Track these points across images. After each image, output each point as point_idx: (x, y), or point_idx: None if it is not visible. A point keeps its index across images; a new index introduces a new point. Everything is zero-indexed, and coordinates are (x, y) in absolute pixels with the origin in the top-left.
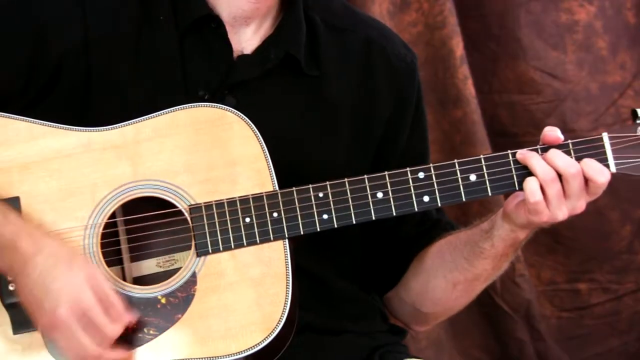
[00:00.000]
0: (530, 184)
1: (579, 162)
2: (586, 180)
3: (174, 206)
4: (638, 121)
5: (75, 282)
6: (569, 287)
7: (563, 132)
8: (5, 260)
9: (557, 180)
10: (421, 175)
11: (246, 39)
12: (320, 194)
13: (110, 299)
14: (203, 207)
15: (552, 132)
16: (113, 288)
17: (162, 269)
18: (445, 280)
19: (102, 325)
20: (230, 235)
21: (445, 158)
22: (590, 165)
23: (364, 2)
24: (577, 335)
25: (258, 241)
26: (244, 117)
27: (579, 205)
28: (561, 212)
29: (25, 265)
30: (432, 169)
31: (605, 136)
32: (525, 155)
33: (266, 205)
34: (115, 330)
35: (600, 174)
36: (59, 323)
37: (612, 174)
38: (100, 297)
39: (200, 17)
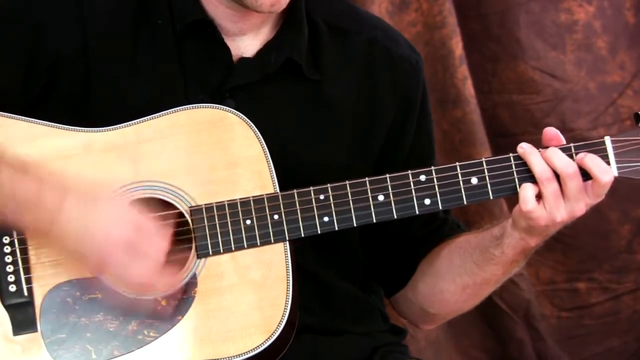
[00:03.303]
0: (524, 191)
1: (585, 157)
2: (589, 180)
3: (174, 207)
4: None
5: (112, 215)
6: (568, 287)
7: (562, 132)
8: (31, 219)
9: (554, 179)
10: (422, 178)
11: (245, 45)
12: (321, 196)
13: (148, 225)
14: (204, 209)
15: (552, 131)
16: (145, 214)
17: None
18: (454, 283)
19: (148, 249)
20: (231, 237)
21: (445, 158)
22: (596, 163)
23: (363, 1)
24: (576, 334)
25: (259, 243)
26: (245, 118)
27: (578, 207)
28: (559, 213)
29: (54, 218)
30: (433, 171)
31: (607, 140)
32: (526, 150)
33: (267, 207)
34: (161, 252)
35: (605, 174)
36: (107, 259)
37: (614, 178)
38: (138, 225)
39: (195, 22)
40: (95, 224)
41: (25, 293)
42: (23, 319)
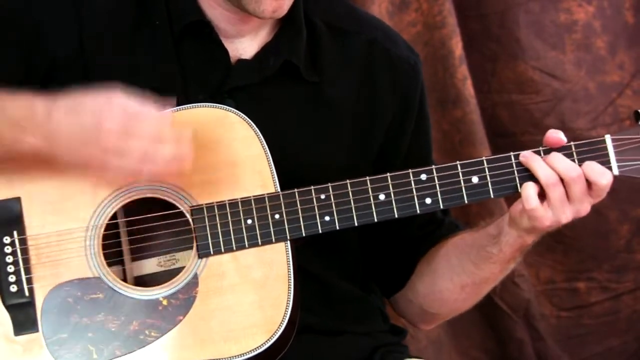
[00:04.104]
0: (527, 190)
1: (580, 165)
2: (589, 183)
3: (175, 207)
4: None
5: (97, 106)
6: (567, 287)
7: (562, 132)
8: (29, 132)
9: (560, 184)
10: (423, 177)
11: (243, 47)
12: (322, 196)
13: (139, 104)
14: (204, 208)
15: (555, 134)
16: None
17: (163, 268)
18: (453, 283)
19: (145, 124)
20: (232, 236)
21: (445, 158)
22: (592, 168)
23: (363, 1)
24: (576, 334)
25: (260, 243)
26: (246, 117)
27: (584, 208)
28: (565, 215)
29: (49, 114)
30: (434, 170)
31: (608, 138)
32: (528, 158)
33: (268, 206)
34: (157, 124)
35: (602, 176)
36: (107, 131)
37: (615, 176)
38: (124, 107)
39: (192, 23)
40: (86, 116)
41: (27, 293)
42: (24, 319)
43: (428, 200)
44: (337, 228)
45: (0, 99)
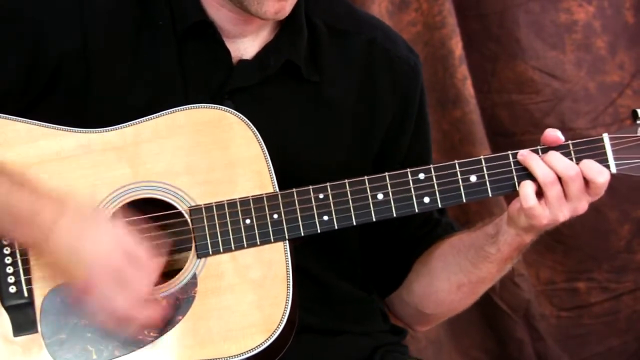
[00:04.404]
0: (524, 188)
1: (578, 163)
2: (587, 182)
3: (174, 207)
4: (638, 122)
5: (104, 242)
6: (567, 287)
7: (562, 132)
8: (25, 232)
9: (557, 182)
10: (421, 176)
11: (245, 47)
12: (321, 195)
13: (139, 256)
14: (203, 209)
15: (553, 133)
16: (139, 243)
17: (162, 270)
18: (449, 282)
19: (135, 282)
20: (231, 236)
21: (445, 158)
22: (589, 167)
23: (363, 1)
24: (576, 334)
25: (258, 242)
26: (244, 118)
27: (581, 206)
28: (562, 213)
29: (47, 235)
30: (432, 169)
31: (605, 137)
32: (526, 156)
33: (266, 206)
34: (147, 286)
35: (600, 175)
36: (93, 284)
37: (612, 175)
38: (130, 254)
39: (195, 23)
40: (86, 247)
41: (26, 294)
42: (23, 320)
43: (426, 200)
44: (336, 228)
45: (8, 187)
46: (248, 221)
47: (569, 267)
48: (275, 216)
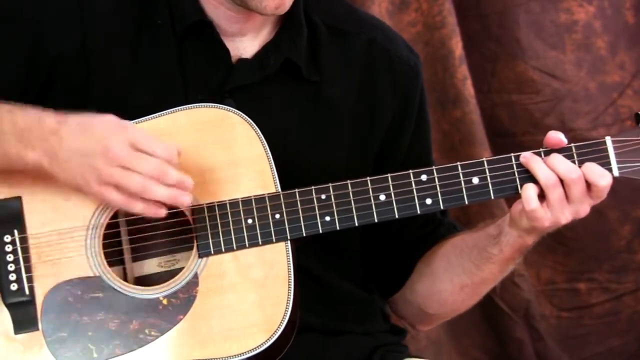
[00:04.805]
0: (527, 191)
1: (580, 167)
2: (589, 185)
3: (175, 207)
4: None
5: (111, 123)
6: (568, 287)
7: (562, 132)
8: (35, 146)
9: (559, 185)
10: (424, 177)
11: (244, 46)
12: (323, 196)
13: (146, 134)
14: (205, 208)
15: (555, 135)
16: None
17: (163, 269)
18: (452, 283)
19: (153, 151)
20: (232, 236)
21: (445, 158)
22: (592, 170)
23: (363, 1)
24: (576, 335)
25: (260, 242)
26: (247, 117)
27: (583, 209)
28: (564, 216)
29: (57, 132)
30: (434, 171)
31: (608, 140)
32: (529, 159)
33: (268, 206)
34: (166, 149)
35: (602, 178)
36: (115, 155)
37: (615, 178)
38: (136, 133)
39: (194, 23)
40: (98, 129)
41: (27, 292)
42: (24, 318)
43: (428, 201)
44: (338, 228)
45: (10, 110)
46: (250, 221)
47: (570, 267)
48: (278, 216)
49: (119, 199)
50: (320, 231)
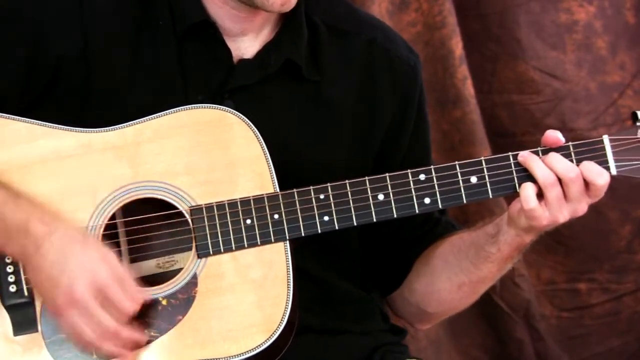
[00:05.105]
0: (525, 190)
1: (578, 165)
2: (587, 183)
3: (174, 207)
4: (638, 123)
5: (91, 260)
6: (568, 287)
7: (562, 132)
8: (16, 245)
9: (557, 184)
10: (422, 177)
11: (245, 46)
12: (321, 196)
13: (125, 277)
14: (204, 209)
15: (553, 134)
16: (125, 268)
17: (162, 270)
18: (450, 282)
19: (119, 301)
20: (231, 236)
21: (445, 158)
22: (589, 169)
23: (363, 1)
24: (576, 335)
25: (259, 242)
26: (245, 118)
27: (581, 207)
28: (562, 215)
29: (38, 247)
30: (433, 170)
31: (605, 138)
32: (527, 158)
33: (267, 206)
34: (131, 307)
35: (599, 177)
36: (77, 299)
37: (612, 176)
38: (116, 275)
39: (197, 23)
40: (72, 263)
41: (26, 293)
42: (23, 319)
43: (427, 200)
44: (336, 228)
45: (4, 201)
46: (249, 221)
47: (570, 267)
48: (276, 216)
49: (71, 332)
50: (319, 231)
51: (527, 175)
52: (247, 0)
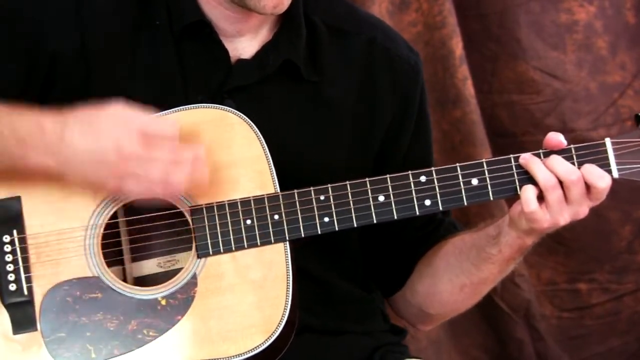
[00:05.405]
0: (526, 193)
1: (580, 168)
2: (588, 186)
3: (175, 207)
4: None
5: (115, 117)
6: (569, 287)
7: (562, 132)
8: (38, 149)
9: (558, 187)
10: (423, 178)
11: (243, 47)
12: (322, 197)
13: (151, 115)
14: (204, 209)
15: (555, 137)
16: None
17: (162, 269)
18: (452, 283)
19: (162, 130)
20: (231, 237)
21: (445, 158)
22: (591, 171)
23: (363, 1)
24: (577, 335)
25: (259, 243)
26: (246, 118)
27: (582, 210)
28: (562, 217)
29: (62, 138)
30: (433, 172)
31: (607, 141)
32: (528, 160)
33: (267, 207)
34: (173, 128)
35: (601, 180)
36: (128, 153)
37: (615, 179)
38: (143, 115)
39: (192, 23)
40: (103, 127)
41: (25, 292)
42: (23, 318)
43: (427, 202)
44: (337, 229)
45: (8, 114)
46: (249, 221)
47: (570, 268)
48: (276, 217)
49: (139, 188)
50: (319, 232)
51: (528, 178)
52: (239, 2)
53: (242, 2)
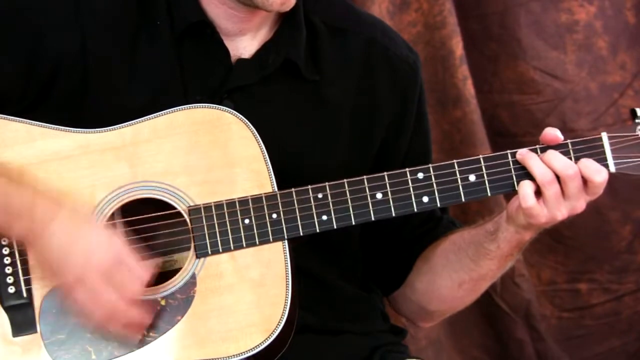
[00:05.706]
0: (523, 188)
1: (577, 163)
2: (585, 181)
3: (173, 207)
4: (637, 120)
5: (98, 240)
6: (569, 287)
7: (563, 132)
8: (21, 227)
9: (555, 182)
10: (420, 175)
11: (243, 46)
12: (320, 195)
13: (130, 258)
14: (202, 209)
15: (552, 132)
16: (131, 249)
17: (161, 270)
18: (451, 280)
19: (126, 280)
20: (230, 236)
21: (445, 158)
22: (588, 166)
23: (363, 1)
24: (577, 335)
25: (257, 242)
26: (243, 117)
27: (579, 205)
28: (560, 212)
29: (44, 230)
30: (431, 169)
31: (604, 136)
32: (525, 155)
33: (265, 206)
34: (139, 286)
35: (598, 174)
36: (85, 277)
37: (612, 174)
38: (121, 255)
39: (194, 23)
40: (80, 245)
41: (25, 294)
42: (22, 320)
43: (425, 199)
44: (335, 227)
45: (7, 183)
46: (247, 221)
47: (570, 268)
48: (274, 216)
49: (80, 313)
50: (318, 230)
51: (525, 173)
52: (246, 0)
53: (249, 0)
